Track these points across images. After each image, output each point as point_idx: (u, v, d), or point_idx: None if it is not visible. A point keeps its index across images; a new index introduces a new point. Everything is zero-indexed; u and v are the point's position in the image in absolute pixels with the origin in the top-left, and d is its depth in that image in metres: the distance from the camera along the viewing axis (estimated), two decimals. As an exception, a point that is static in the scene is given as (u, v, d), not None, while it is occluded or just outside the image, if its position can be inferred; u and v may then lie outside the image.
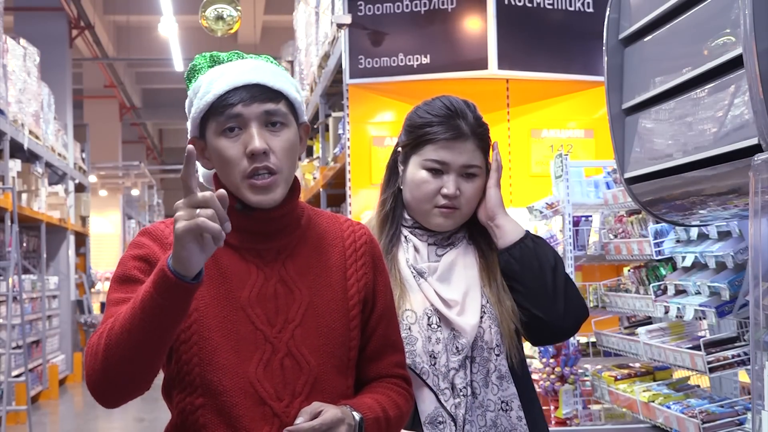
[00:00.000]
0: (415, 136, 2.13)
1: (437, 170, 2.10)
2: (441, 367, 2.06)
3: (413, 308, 2.09)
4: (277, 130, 1.78)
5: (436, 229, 2.15)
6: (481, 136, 2.14)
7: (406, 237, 2.17)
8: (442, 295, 2.11)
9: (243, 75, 1.78)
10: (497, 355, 2.10)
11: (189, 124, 1.85)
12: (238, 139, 1.77)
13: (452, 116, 2.10)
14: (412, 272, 2.13)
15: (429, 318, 2.09)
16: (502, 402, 2.08)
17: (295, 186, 1.84)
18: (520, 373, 2.14)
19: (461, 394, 2.05)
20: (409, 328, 2.08)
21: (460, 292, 2.11)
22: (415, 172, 2.12)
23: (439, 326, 2.09)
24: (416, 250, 2.16)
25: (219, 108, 1.77)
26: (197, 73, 1.86)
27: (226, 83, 1.77)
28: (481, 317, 2.10)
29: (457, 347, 2.07)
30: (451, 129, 2.09)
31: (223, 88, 1.77)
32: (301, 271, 1.83)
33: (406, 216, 2.18)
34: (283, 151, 1.78)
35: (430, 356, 2.06)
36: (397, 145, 2.21)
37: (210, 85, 1.79)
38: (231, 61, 1.85)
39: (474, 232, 2.20)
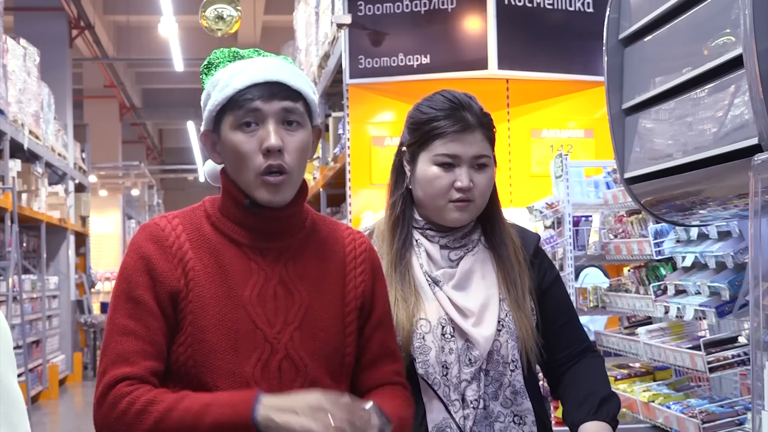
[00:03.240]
0: (421, 133, 2.09)
1: (448, 164, 2.06)
2: (452, 377, 2.02)
3: (428, 317, 2.05)
4: (293, 129, 1.78)
5: (453, 225, 2.10)
6: (487, 126, 2.10)
7: (417, 240, 2.12)
8: (458, 304, 2.06)
9: (265, 72, 1.78)
10: (512, 371, 2.05)
11: (204, 116, 1.83)
12: (254, 135, 1.76)
13: (457, 108, 2.07)
14: (427, 280, 2.08)
15: (443, 327, 2.04)
16: (515, 416, 2.04)
17: (302, 188, 1.83)
18: (530, 381, 2.10)
19: (471, 406, 2.01)
20: (423, 338, 2.03)
21: (477, 303, 2.06)
22: (426, 168, 2.08)
23: (453, 336, 2.04)
24: (429, 255, 2.11)
25: (238, 102, 1.77)
26: (215, 68, 1.85)
27: (248, 78, 1.77)
28: (499, 331, 2.05)
29: (470, 359, 2.02)
30: (459, 121, 2.06)
31: (244, 82, 1.77)
32: (302, 273, 1.82)
33: (417, 217, 2.14)
34: (296, 151, 1.78)
35: (443, 366, 2.02)
36: (401, 145, 2.17)
37: (230, 78, 1.78)
38: (251, 57, 1.85)
39: (488, 231, 2.15)
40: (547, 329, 2.15)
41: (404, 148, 2.15)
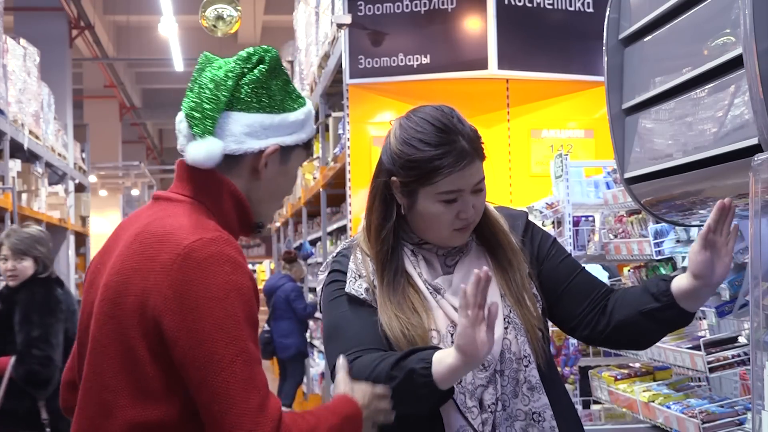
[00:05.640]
0: (421, 172, 1.99)
1: (452, 199, 2.01)
2: (467, 384, 1.99)
3: (437, 327, 2.02)
4: None
5: (452, 245, 2.08)
6: (480, 150, 2.04)
7: (413, 251, 2.08)
8: None
9: None
10: (526, 366, 2.03)
11: (286, 135, 1.83)
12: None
13: (453, 141, 1.98)
14: (428, 288, 2.05)
15: (452, 336, 2.00)
16: (534, 413, 2.01)
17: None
18: (547, 374, 2.07)
19: (489, 410, 1.99)
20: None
21: None
22: (429, 206, 2.02)
23: None
24: (427, 261, 2.08)
25: (308, 143, 1.87)
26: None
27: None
28: (506, 328, 2.03)
29: (483, 364, 1.99)
30: (460, 157, 1.98)
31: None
32: None
33: (412, 234, 2.09)
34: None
35: None
36: (388, 174, 2.05)
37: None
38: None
39: (479, 232, 2.13)
40: (558, 291, 2.12)
41: (393, 178, 2.04)
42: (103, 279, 1.73)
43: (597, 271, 4.52)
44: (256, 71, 1.78)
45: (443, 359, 1.85)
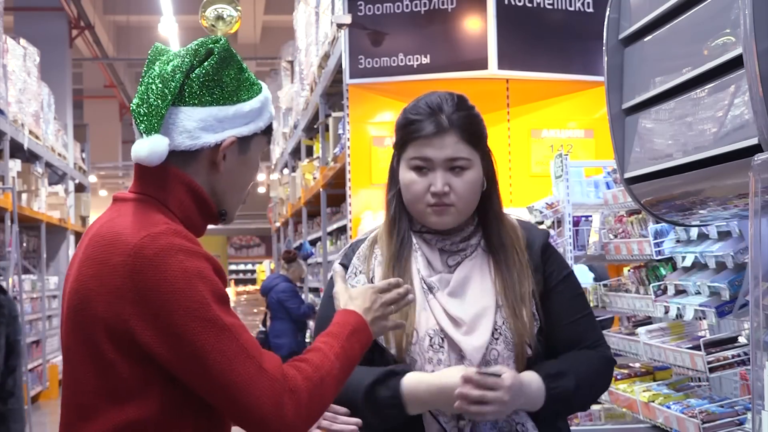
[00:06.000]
0: (399, 137, 2.09)
1: (423, 168, 2.03)
2: None
3: (418, 328, 2.00)
4: None
5: (436, 228, 2.05)
6: (464, 127, 2.04)
7: (416, 244, 2.08)
8: (451, 313, 2.00)
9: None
10: None
11: (237, 114, 1.77)
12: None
13: (431, 113, 2.05)
14: (422, 286, 2.03)
15: (431, 339, 1.99)
16: (517, 424, 1.99)
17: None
18: None
19: (468, 416, 1.95)
20: (409, 349, 1.99)
21: (471, 312, 2.00)
22: (404, 173, 2.06)
23: (441, 347, 1.99)
24: (427, 259, 2.07)
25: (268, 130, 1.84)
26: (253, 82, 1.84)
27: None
28: (496, 339, 1.99)
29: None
30: (430, 125, 2.03)
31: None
32: None
33: (414, 221, 2.10)
34: None
35: None
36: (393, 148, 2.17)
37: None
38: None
39: (487, 235, 2.09)
40: (553, 329, 2.07)
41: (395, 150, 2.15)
42: (68, 287, 1.73)
43: (583, 272, 4.51)
44: (206, 64, 1.76)
45: (419, 399, 1.95)
